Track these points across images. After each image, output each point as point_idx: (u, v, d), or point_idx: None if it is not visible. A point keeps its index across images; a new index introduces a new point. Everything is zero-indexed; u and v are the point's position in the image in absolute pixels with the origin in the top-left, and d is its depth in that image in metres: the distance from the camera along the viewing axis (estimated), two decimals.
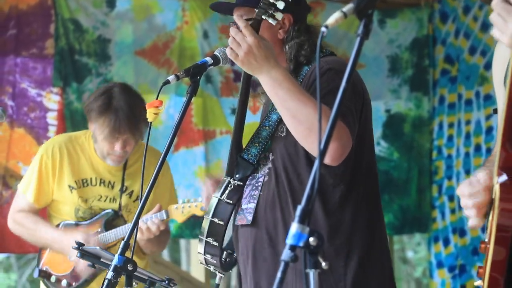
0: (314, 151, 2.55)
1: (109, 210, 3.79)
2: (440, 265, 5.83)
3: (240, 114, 2.79)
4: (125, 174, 3.84)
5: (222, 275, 2.85)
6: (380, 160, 5.72)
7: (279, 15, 2.58)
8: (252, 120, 3.63)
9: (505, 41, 1.88)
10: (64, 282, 3.79)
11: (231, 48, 2.54)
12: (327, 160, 2.53)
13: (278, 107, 2.56)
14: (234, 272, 2.94)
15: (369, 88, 2.85)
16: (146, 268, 3.86)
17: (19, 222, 3.87)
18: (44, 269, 3.85)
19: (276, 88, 2.52)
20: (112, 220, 3.79)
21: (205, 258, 2.78)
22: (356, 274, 2.67)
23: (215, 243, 2.72)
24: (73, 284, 3.78)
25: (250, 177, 2.77)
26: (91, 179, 3.81)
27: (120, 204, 3.81)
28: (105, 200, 3.81)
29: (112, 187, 3.82)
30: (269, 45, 2.56)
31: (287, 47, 2.75)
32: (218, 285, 3.03)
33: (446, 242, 5.79)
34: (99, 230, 3.77)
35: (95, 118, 3.71)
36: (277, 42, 2.75)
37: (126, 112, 3.65)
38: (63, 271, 3.80)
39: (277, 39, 2.76)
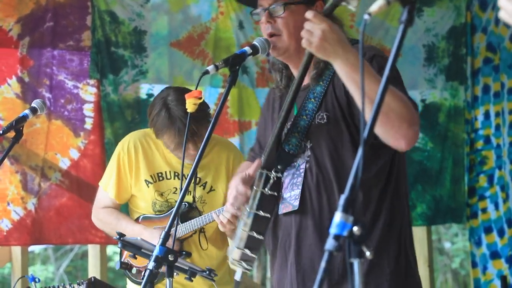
0: (390, 136, 2.50)
1: (183, 203, 3.85)
2: (494, 255, 5.74)
3: (288, 107, 2.75)
4: (198, 166, 3.88)
5: (248, 271, 2.84)
6: (414, 150, 5.68)
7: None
8: None
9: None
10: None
11: (305, 38, 2.49)
12: (404, 145, 2.51)
13: (354, 92, 2.51)
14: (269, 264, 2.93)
15: (404, 77, 2.81)
16: (225, 260, 3.96)
17: (102, 219, 4.02)
18: (126, 261, 3.95)
19: (352, 72, 2.48)
20: (188, 212, 3.88)
21: (242, 253, 2.75)
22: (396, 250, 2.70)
23: (259, 237, 2.71)
24: None
25: (289, 167, 2.76)
26: (165, 172, 3.90)
27: (194, 196, 3.87)
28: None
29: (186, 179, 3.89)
30: (340, 30, 2.54)
31: None
32: (239, 282, 3.00)
33: (501, 233, 5.72)
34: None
35: (160, 134, 3.80)
36: None
37: (185, 123, 3.68)
38: (143, 263, 3.88)
39: None
